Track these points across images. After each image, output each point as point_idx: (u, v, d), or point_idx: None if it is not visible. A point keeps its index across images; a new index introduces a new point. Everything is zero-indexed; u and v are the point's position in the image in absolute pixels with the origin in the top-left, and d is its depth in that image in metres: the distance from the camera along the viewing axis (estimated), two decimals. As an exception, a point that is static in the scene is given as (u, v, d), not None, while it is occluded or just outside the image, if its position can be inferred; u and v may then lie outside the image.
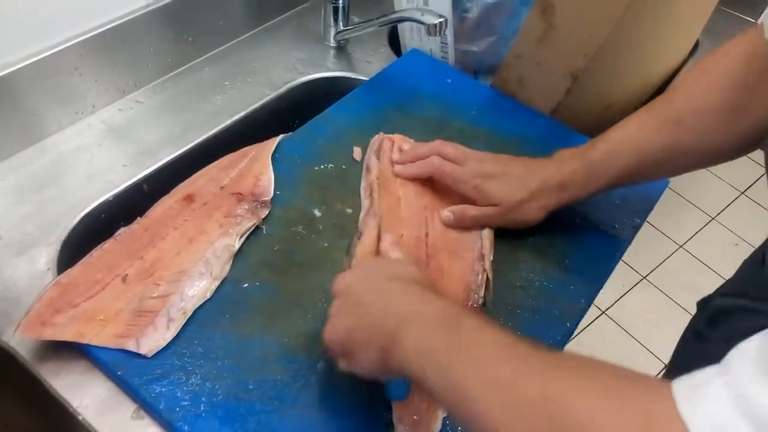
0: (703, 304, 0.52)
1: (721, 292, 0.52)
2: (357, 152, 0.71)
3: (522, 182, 0.61)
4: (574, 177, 0.60)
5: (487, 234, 0.63)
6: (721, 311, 0.50)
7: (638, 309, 1.70)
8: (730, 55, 0.54)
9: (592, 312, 1.68)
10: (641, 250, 1.85)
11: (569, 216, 0.67)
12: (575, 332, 0.60)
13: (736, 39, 0.54)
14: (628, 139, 0.58)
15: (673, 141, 0.56)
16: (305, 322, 0.56)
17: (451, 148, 0.64)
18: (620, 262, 0.66)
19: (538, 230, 0.66)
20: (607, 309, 1.69)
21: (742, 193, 2.03)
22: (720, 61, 0.55)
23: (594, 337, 1.61)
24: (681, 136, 0.56)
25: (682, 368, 0.55)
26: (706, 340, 0.50)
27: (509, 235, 0.65)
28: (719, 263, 1.79)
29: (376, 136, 0.72)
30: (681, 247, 1.86)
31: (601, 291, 0.64)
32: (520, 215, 0.62)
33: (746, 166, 2.11)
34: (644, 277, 1.77)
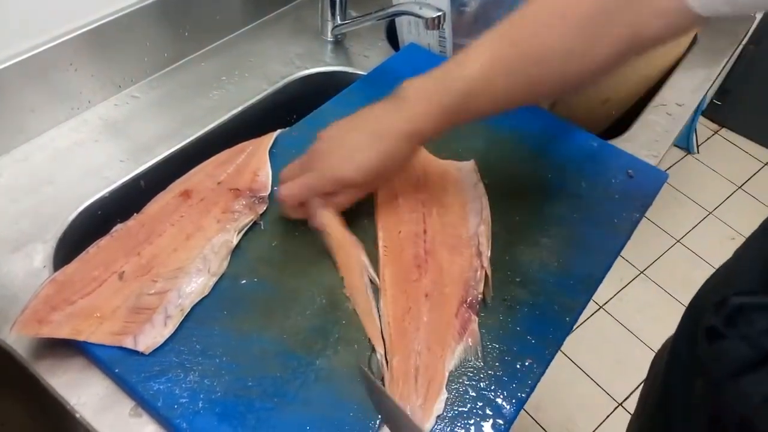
0: (721, 302, 0.51)
1: (737, 290, 0.52)
2: (355, 148, 0.70)
3: (371, 148, 0.56)
4: (425, 123, 0.55)
5: (483, 231, 0.62)
6: (739, 310, 0.49)
7: (636, 303, 1.70)
8: None
9: (589, 306, 1.68)
10: (638, 244, 1.85)
11: (567, 211, 0.67)
12: (573, 327, 0.60)
13: None
14: (484, 79, 0.53)
15: (534, 83, 0.54)
16: (304, 319, 0.56)
17: (285, 171, 0.61)
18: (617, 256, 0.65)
19: (537, 226, 0.66)
20: (605, 303, 1.69)
21: (739, 187, 2.04)
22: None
23: (592, 331, 1.62)
24: (541, 80, 0.53)
25: (691, 367, 0.55)
26: (722, 337, 0.50)
27: (508, 232, 0.65)
28: (716, 257, 1.79)
29: None
30: (678, 241, 1.86)
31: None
32: (379, 179, 0.59)
33: (743, 161, 2.12)
34: (642, 272, 1.77)
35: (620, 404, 1.50)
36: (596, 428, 1.46)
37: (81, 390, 0.51)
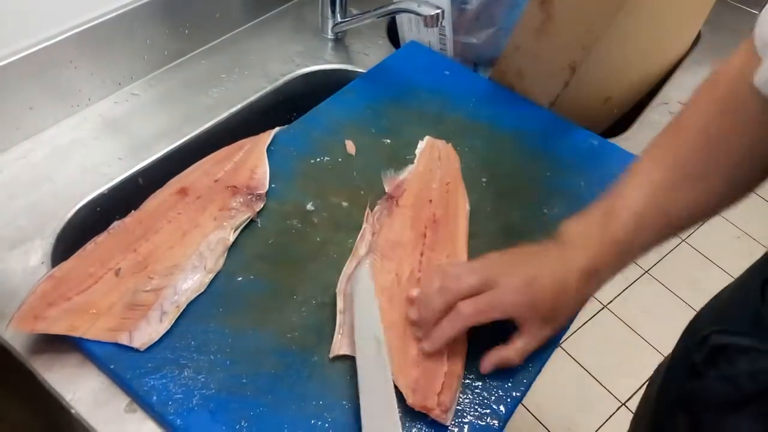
0: (702, 339, 0.50)
1: (719, 327, 0.51)
2: (350, 146, 0.70)
3: (554, 281, 0.50)
4: (602, 262, 0.51)
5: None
6: (720, 349, 0.48)
7: (640, 303, 1.69)
8: (735, 92, 0.48)
9: (593, 306, 1.67)
10: (643, 244, 1.84)
11: (567, 210, 0.67)
12: (577, 326, 0.59)
13: (732, 66, 0.49)
14: (652, 206, 0.51)
15: (704, 199, 0.51)
16: (299, 316, 0.56)
17: (470, 278, 0.51)
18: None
19: (535, 225, 0.65)
20: (609, 303, 1.68)
21: (746, 186, 2.02)
22: (726, 99, 0.49)
23: (595, 331, 1.61)
24: (710, 193, 0.50)
25: (676, 398, 0.54)
26: (703, 376, 0.49)
27: (506, 230, 0.65)
28: (721, 257, 1.78)
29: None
30: (684, 241, 1.85)
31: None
32: (561, 319, 0.53)
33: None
34: (646, 271, 1.76)
35: (623, 404, 1.49)
36: (599, 428, 1.45)
37: (76, 386, 0.51)
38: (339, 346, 0.53)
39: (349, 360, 0.53)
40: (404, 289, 0.56)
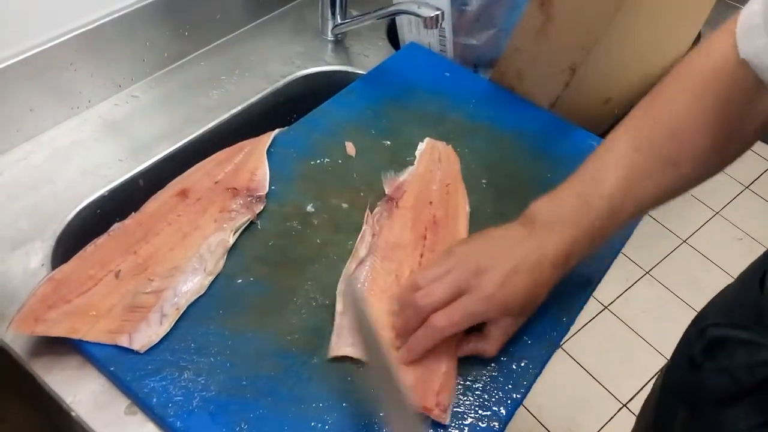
0: (700, 332, 0.50)
1: (717, 321, 0.51)
2: (350, 147, 0.70)
3: (528, 273, 0.51)
4: (575, 247, 0.52)
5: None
6: (718, 342, 0.49)
7: (641, 304, 1.69)
8: (710, 81, 0.50)
9: (594, 307, 1.67)
10: (644, 244, 1.84)
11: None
12: (578, 327, 0.59)
13: (710, 53, 0.50)
14: (625, 191, 0.52)
15: (673, 184, 0.52)
16: (299, 318, 0.56)
17: (440, 290, 0.50)
18: (623, 256, 0.65)
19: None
20: (610, 304, 1.68)
21: (747, 187, 2.02)
22: (701, 88, 0.50)
23: (597, 331, 1.61)
24: (679, 178, 0.52)
25: (677, 393, 0.54)
26: (700, 369, 0.49)
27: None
28: (723, 258, 1.78)
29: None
30: (684, 242, 1.85)
31: (604, 286, 0.63)
32: (533, 309, 0.54)
33: (751, 161, 2.10)
34: (647, 272, 1.76)
35: (624, 405, 1.49)
36: (600, 429, 1.45)
37: (76, 388, 0.51)
38: (337, 347, 0.53)
39: (349, 362, 0.53)
40: None
